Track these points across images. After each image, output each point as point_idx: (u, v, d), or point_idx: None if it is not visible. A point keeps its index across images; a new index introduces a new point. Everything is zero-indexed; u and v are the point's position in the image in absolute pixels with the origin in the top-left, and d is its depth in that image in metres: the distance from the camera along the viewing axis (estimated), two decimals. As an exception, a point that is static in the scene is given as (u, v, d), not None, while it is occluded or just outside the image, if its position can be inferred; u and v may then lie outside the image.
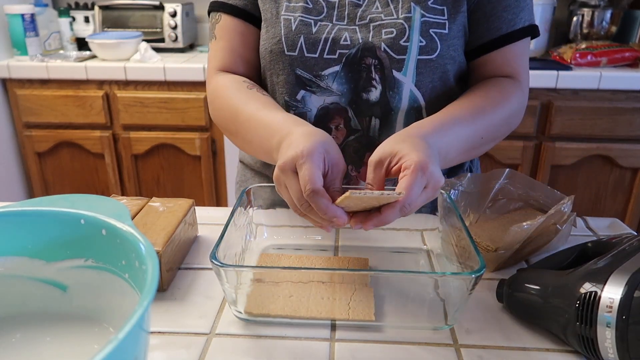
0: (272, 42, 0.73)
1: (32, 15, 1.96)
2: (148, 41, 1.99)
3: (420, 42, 0.69)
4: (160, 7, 2.05)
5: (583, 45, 1.85)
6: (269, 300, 0.53)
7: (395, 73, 0.71)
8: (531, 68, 1.79)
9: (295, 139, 0.55)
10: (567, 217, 0.62)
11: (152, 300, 0.32)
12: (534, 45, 1.93)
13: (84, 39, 2.07)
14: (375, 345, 0.49)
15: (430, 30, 0.70)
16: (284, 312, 0.52)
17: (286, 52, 0.73)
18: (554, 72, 1.71)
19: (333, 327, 0.52)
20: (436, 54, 0.70)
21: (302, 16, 0.72)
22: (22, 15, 1.92)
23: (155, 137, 1.90)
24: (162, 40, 2.06)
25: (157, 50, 2.04)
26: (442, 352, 0.49)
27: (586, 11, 1.98)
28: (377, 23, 0.71)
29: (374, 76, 0.72)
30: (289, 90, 0.74)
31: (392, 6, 0.71)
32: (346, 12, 0.73)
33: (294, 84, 0.74)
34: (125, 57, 1.92)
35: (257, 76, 0.80)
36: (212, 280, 0.60)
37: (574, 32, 2.02)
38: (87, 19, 2.14)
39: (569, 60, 1.82)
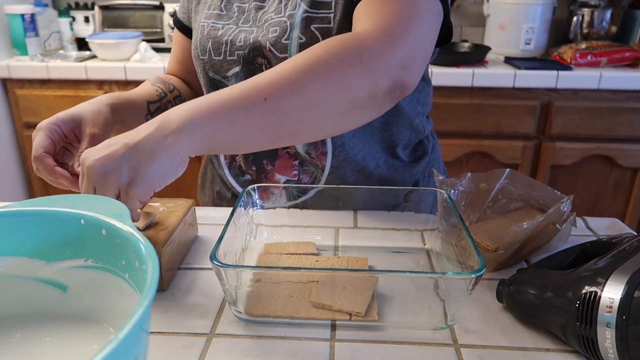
0: (193, 48, 0.80)
1: (32, 15, 1.96)
2: (148, 41, 1.99)
3: (300, 39, 0.68)
4: (160, 7, 2.05)
5: (583, 45, 1.85)
6: (269, 300, 0.53)
7: None
8: (531, 68, 1.81)
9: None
10: (566, 216, 0.62)
11: (152, 300, 0.32)
12: (533, 45, 1.93)
13: (84, 39, 2.07)
14: (375, 345, 0.49)
15: (312, 26, 0.68)
16: (284, 312, 0.52)
17: (200, 57, 0.77)
18: (554, 72, 1.71)
19: (333, 327, 0.52)
20: None
21: (214, 22, 0.77)
22: (22, 15, 1.92)
23: (155, 137, 1.90)
24: (162, 40, 2.06)
25: (157, 50, 2.03)
26: (442, 352, 0.49)
27: (586, 11, 1.98)
28: (268, 22, 0.72)
29: None
30: (207, 92, 0.80)
31: (282, 4, 0.71)
32: (251, 16, 0.75)
33: (209, 86, 0.79)
34: (125, 57, 1.92)
35: (196, 81, 0.87)
36: (212, 280, 0.60)
37: (574, 32, 2.02)
38: (87, 19, 2.14)
39: (569, 60, 1.82)
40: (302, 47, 0.68)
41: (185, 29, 0.88)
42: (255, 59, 0.73)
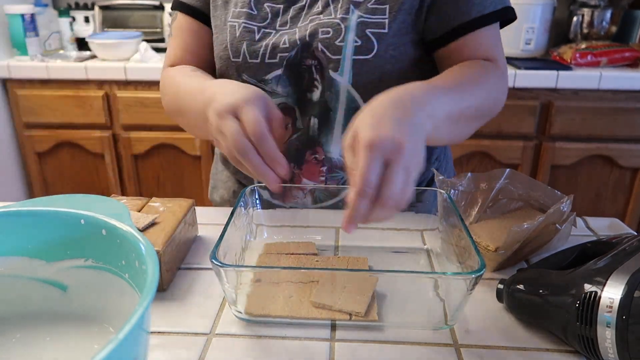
0: (220, 49, 0.75)
1: (32, 15, 1.96)
2: (148, 41, 1.99)
3: (356, 42, 0.69)
4: (160, 7, 2.05)
5: (583, 45, 1.85)
6: (269, 300, 0.53)
7: (331, 73, 0.70)
8: (531, 68, 1.81)
9: (231, 89, 0.55)
10: (566, 216, 0.62)
11: (152, 300, 0.32)
12: (533, 45, 1.93)
13: (84, 39, 2.07)
14: (375, 345, 0.49)
15: (367, 30, 0.69)
16: (284, 312, 0.52)
17: (232, 59, 0.74)
18: (554, 72, 1.71)
19: (333, 327, 0.52)
20: (372, 54, 0.69)
21: (245, 22, 0.73)
22: (22, 15, 1.92)
23: (155, 137, 1.90)
24: (162, 40, 2.06)
25: (157, 50, 2.03)
26: (442, 352, 0.49)
27: (586, 11, 1.98)
28: (315, 23, 0.71)
29: (315, 76, 0.72)
30: None
31: (332, 6, 0.71)
32: (289, 17, 0.73)
33: None
34: (125, 57, 1.92)
35: (210, 73, 0.80)
36: (212, 280, 0.60)
37: (574, 32, 2.02)
38: (87, 19, 2.14)
39: (569, 60, 1.82)
40: (357, 49, 0.69)
41: (199, 15, 0.79)
42: (303, 61, 0.71)
